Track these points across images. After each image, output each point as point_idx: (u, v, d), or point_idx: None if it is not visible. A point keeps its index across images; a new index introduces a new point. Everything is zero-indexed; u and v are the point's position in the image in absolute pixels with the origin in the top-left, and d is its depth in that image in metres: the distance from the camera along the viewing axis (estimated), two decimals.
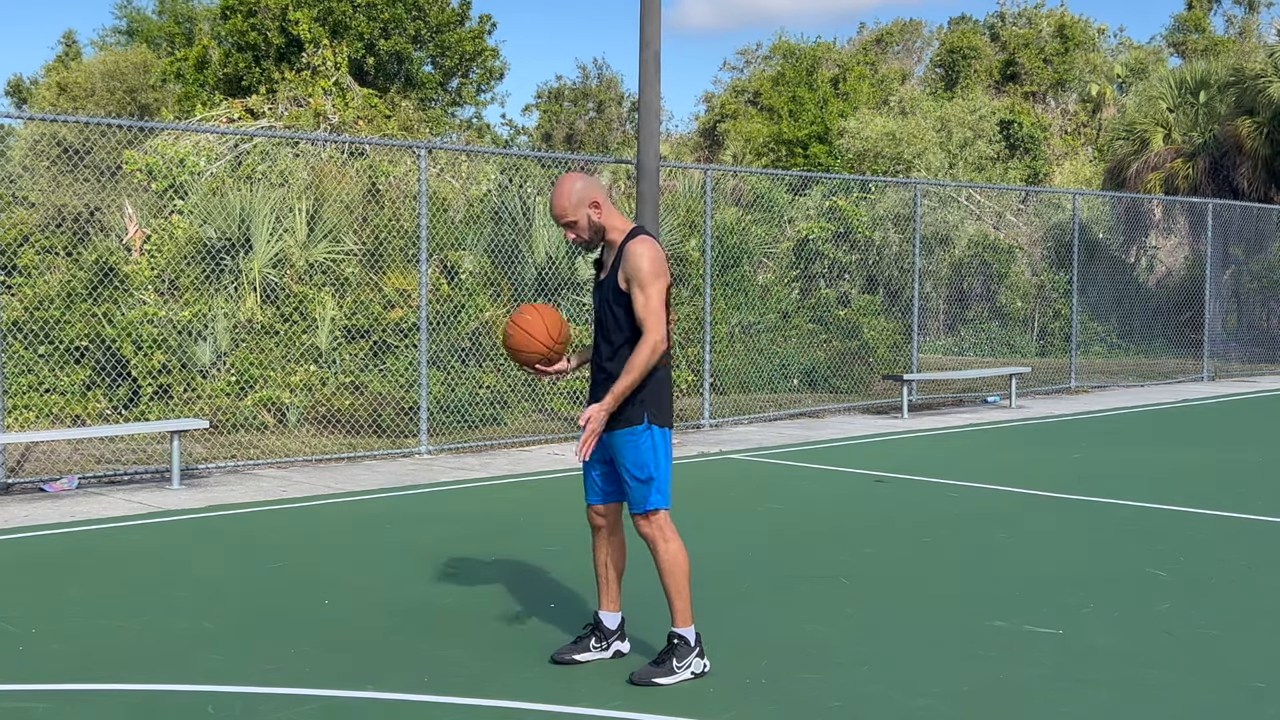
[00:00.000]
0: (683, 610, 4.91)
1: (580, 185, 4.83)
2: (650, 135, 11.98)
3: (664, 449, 4.92)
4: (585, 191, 4.83)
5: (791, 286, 16.66)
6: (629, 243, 4.82)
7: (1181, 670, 5.10)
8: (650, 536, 4.89)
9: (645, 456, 4.86)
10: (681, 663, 4.87)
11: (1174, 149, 26.45)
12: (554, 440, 12.21)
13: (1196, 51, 41.77)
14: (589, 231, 4.87)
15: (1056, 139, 40.71)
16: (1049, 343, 21.15)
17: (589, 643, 5.17)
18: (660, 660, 4.90)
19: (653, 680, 4.82)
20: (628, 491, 4.92)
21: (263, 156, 13.03)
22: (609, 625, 5.18)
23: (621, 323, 4.84)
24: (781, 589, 6.39)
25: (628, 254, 4.79)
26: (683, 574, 4.90)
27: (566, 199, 4.82)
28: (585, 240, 4.90)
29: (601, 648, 5.16)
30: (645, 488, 4.87)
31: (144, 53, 37.16)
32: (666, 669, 4.85)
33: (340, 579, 6.58)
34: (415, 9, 27.91)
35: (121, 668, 5.07)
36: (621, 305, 4.82)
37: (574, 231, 4.88)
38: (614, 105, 47.02)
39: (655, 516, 4.88)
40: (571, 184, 4.83)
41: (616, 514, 5.11)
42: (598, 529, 5.15)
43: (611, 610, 5.19)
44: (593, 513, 5.14)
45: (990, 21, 45.78)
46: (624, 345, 4.86)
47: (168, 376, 11.30)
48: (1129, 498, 9.10)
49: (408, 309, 12.26)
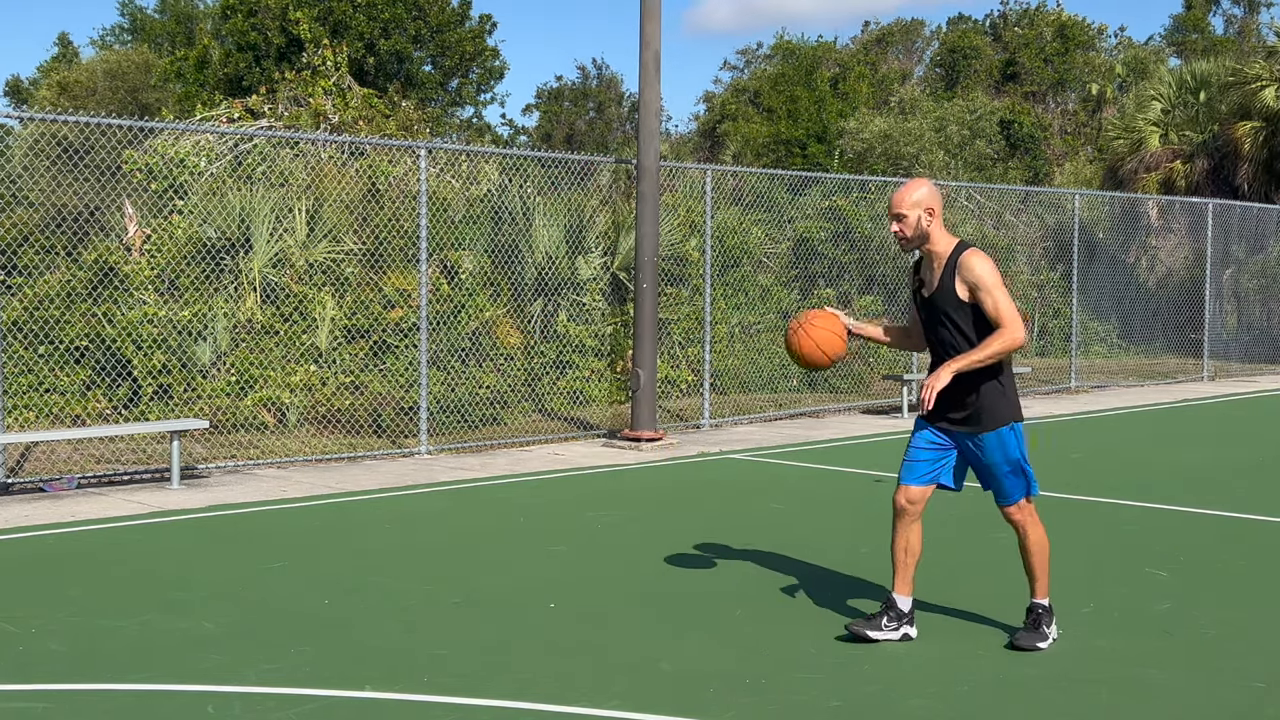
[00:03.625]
0: (1043, 584, 5.40)
1: (926, 190, 5.23)
2: (650, 135, 11.99)
3: (1024, 439, 5.35)
4: (928, 197, 5.22)
5: (791, 286, 16.66)
6: (962, 255, 5.19)
7: (1181, 670, 5.10)
8: (1021, 522, 5.37)
9: (1013, 452, 5.28)
10: (1049, 626, 5.38)
11: (1173, 149, 26.45)
12: (554, 440, 12.21)
13: (1196, 51, 41.75)
14: (913, 230, 5.22)
15: (1056, 139, 40.71)
16: (1049, 343, 21.14)
17: (881, 621, 5.41)
18: (1033, 626, 5.37)
19: (1036, 645, 5.30)
20: (998, 484, 5.35)
21: (263, 157, 13.02)
22: (902, 607, 5.44)
23: (963, 330, 5.22)
24: (781, 589, 6.39)
25: (966, 265, 5.16)
26: (1046, 555, 5.41)
27: (910, 194, 5.22)
28: (907, 238, 5.25)
29: (892, 628, 5.40)
30: (1018, 479, 5.32)
31: (145, 52, 37.16)
32: (1041, 634, 5.34)
33: (340, 579, 6.58)
34: (415, 9, 27.92)
35: (121, 668, 5.07)
36: (962, 313, 5.19)
37: (900, 225, 5.23)
38: (614, 105, 47.01)
39: (1026, 504, 5.35)
40: (921, 185, 5.25)
41: (924, 500, 5.43)
42: (904, 512, 5.44)
43: (904, 594, 5.44)
44: (905, 494, 5.43)
45: (992, 20, 45.79)
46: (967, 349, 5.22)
47: (168, 376, 11.30)
48: (1129, 498, 9.10)
49: (408, 309, 12.26)
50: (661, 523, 8.26)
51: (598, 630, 5.63)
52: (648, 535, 7.77)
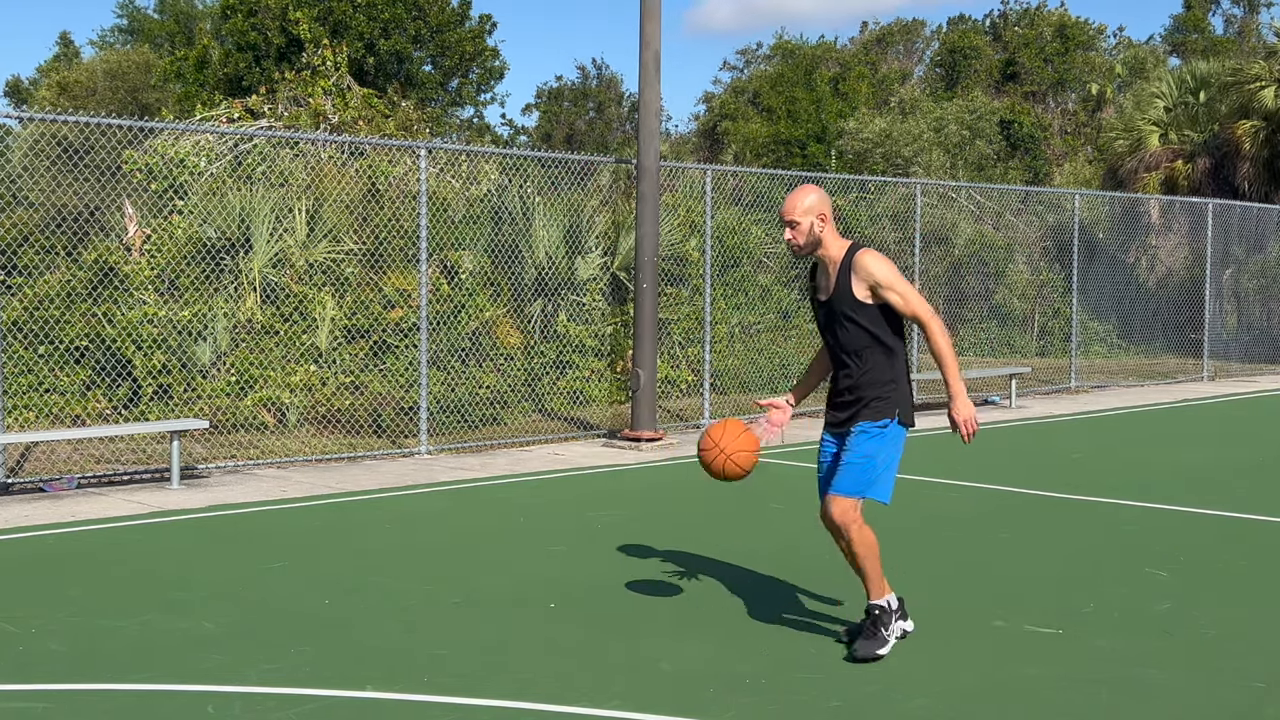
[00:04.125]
0: (878, 584, 5.23)
1: (816, 196, 5.21)
2: (650, 135, 11.99)
3: (896, 446, 5.21)
4: (819, 203, 5.21)
5: (791, 286, 16.66)
6: (857, 255, 5.16)
7: (1181, 670, 5.10)
8: (843, 523, 5.18)
9: (874, 449, 5.17)
10: (889, 629, 5.21)
11: (1173, 149, 26.44)
12: (554, 440, 12.22)
13: (1196, 51, 41.77)
14: (805, 237, 5.20)
15: (1056, 139, 40.71)
16: (1049, 343, 21.14)
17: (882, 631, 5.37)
18: (870, 633, 5.20)
19: (875, 653, 5.14)
20: (839, 473, 5.22)
21: (262, 157, 13.02)
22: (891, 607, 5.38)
23: (865, 328, 5.17)
24: (782, 588, 6.39)
25: (861, 265, 5.13)
26: (875, 555, 5.22)
27: (801, 200, 5.20)
28: (799, 244, 5.22)
29: (895, 634, 5.36)
30: (861, 476, 5.17)
31: (145, 52, 37.17)
32: (880, 639, 5.19)
33: (340, 579, 6.58)
34: (415, 9, 27.91)
35: (121, 668, 5.07)
36: (861, 314, 5.15)
37: (793, 232, 5.21)
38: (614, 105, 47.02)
39: (854, 503, 5.17)
40: (811, 191, 5.23)
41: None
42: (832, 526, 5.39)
43: (882, 595, 5.38)
44: None
45: (992, 20, 45.79)
46: (866, 352, 5.19)
47: (168, 376, 11.30)
48: (1129, 498, 9.10)
49: (408, 309, 12.26)
50: (661, 523, 8.26)
51: (598, 630, 5.63)
52: (648, 535, 7.77)
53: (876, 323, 5.17)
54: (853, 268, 5.15)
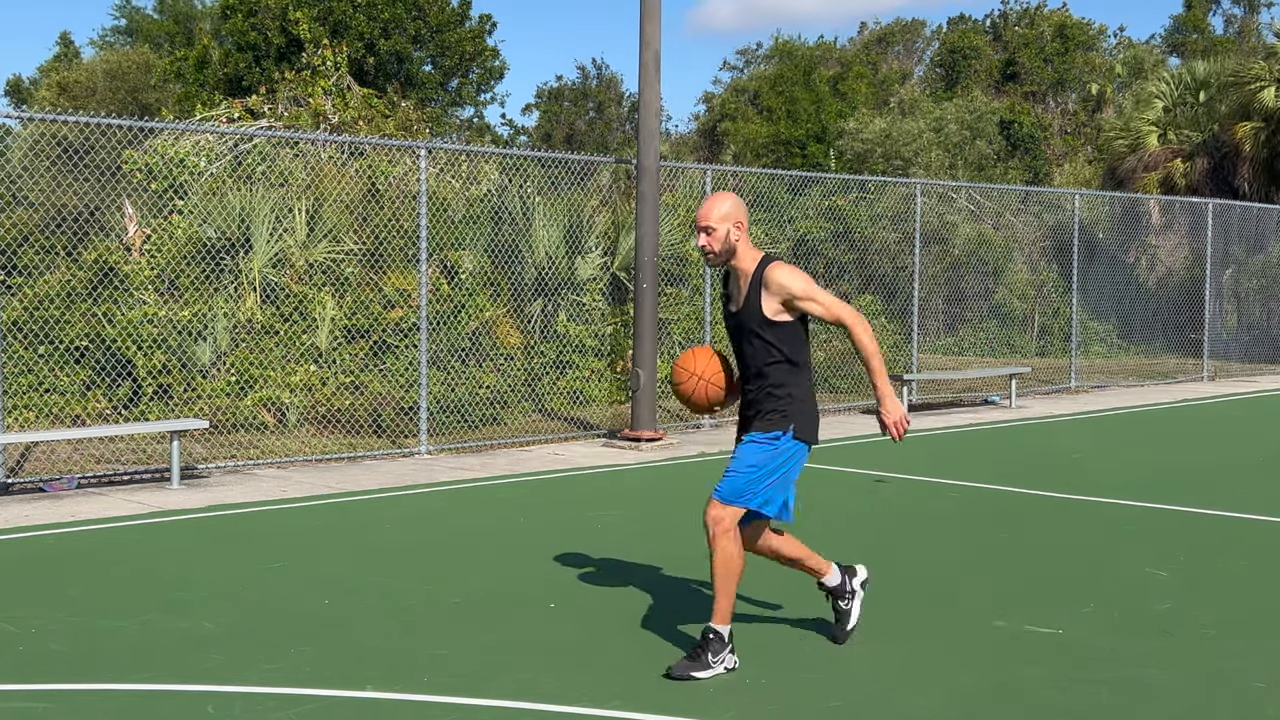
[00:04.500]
0: (723, 608, 5.01)
1: (732, 204, 5.11)
2: (650, 135, 11.99)
3: (789, 459, 5.06)
4: (735, 210, 5.10)
5: None
6: (767, 270, 5.04)
7: (1181, 670, 5.10)
8: (713, 529, 5.01)
9: (764, 460, 5.02)
10: (716, 658, 4.97)
11: (1172, 149, 26.45)
12: (554, 440, 12.22)
13: (1196, 52, 41.77)
14: (721, 244, 5.07)
15: (1056, 139, 40.71)
16: (1049, 343, 21.15)
17: (840, 603, 5.44)
18: (695, 655, 4.99)
19: (690, 674, 4.92)
20: (725, 476, 5.06)
21: (262, 157, 13.02)
22: (835, 583, 5.44)
23: (771, 343, 5.06)
24: (781, 588, 6.39)
25: (773, 279, 5.02)
26: (733, 577, 5.01)
27: (718, 207, 5.08)
28: (715, 252, 5.09)
29: (848, 600, 5.43)
30: (745, 484, 5.01)
31: (146, 53, 37.18)
32: (702, 663, 4.95)
33: (340, 579, 6.58)
34: (415, 9, 27.92)
35: (121, 668, 5.07)
36: (768, 330, 5.04)
37: (709, 239, 5.08)
38: (614, 105, 47.03)
39: (729, 513, 5.01)
40: (727, 198, 5.14)
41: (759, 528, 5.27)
42: (762, 550, 5.34)
43: (828, 573, 5.42)
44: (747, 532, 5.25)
45: (993, 20, 45.80)
46: (770, 368, 5.07)
47: (168, 376, 11.30)
48: (1129, 498, 9.10)
49: (408, 309, 12.26)
50: (661, 523, 8.26)
51: (598, 630, 5.63)
52: (648, 535, 7.77)
53: (782, 339, 5.05)
54: (763, 282, 5.02)
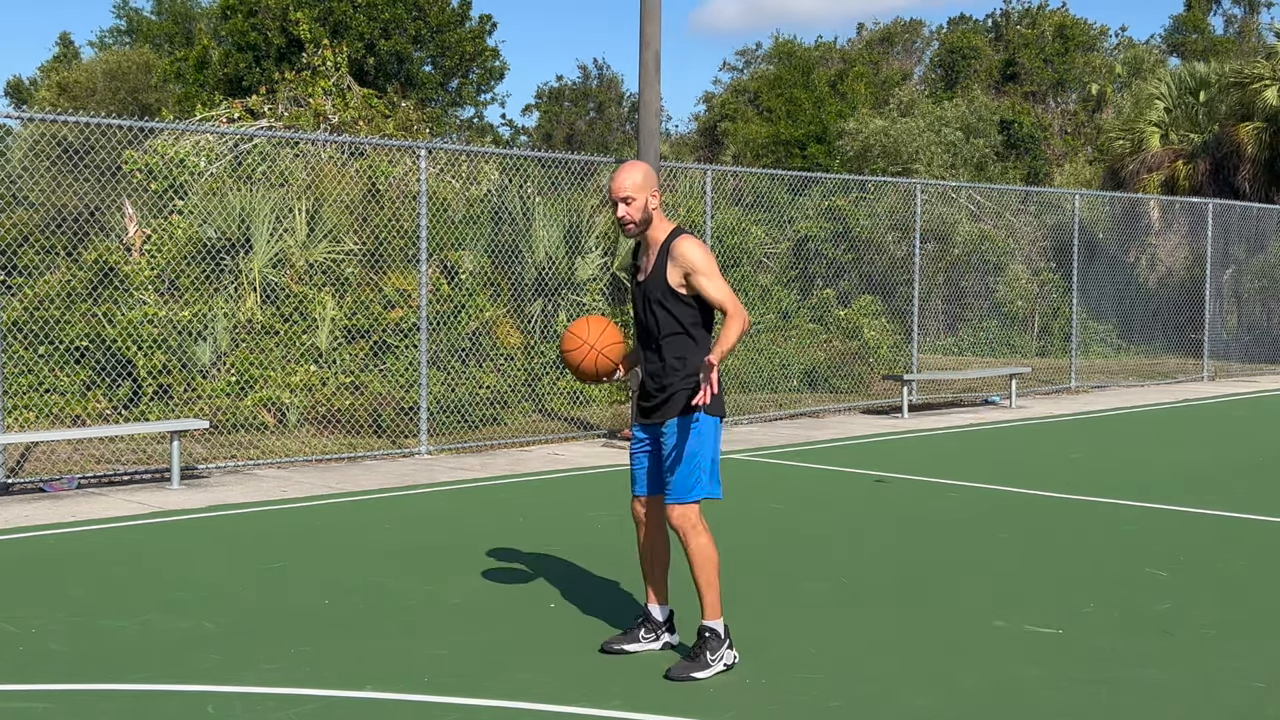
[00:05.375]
0: (713, 602, 4.98)
1: (645, 173, 5.01)
2: (650, 135, 11.99)
3: (713, 438, 5.00)
4: (650, 179, 5.01)
5: (791, 286, 16.67)
6: (675, 241, 4.97)
7: (1181, 670, 5.10)
8: (680, 528, 4.95)
9: (693, 443, 4.95)
10: (714, 655, 4.94)
11: (1173, 149, 26.45)
12: (554, 440, 12.21)
13: (1196, 52, 41.78)
14: (641, 214, 4.98)
15: (1056, 139, 40.71)
16: (1049, 343, 21.15)
17: (638, 634, 5.27)
18: (694, 655, 4.96)
19: (689, 675, 4.89)
20: (669, 477, 4.99)
21: (263, 157, 13.03)
22: (657, 618, 5.29)
23: (674, 315, 4.98)
24: (782, 589, 6.39)
25: (679, 251, 4.94)
26: (713, 567, 4.97)
27: (633, 176, 4.97)
28: (635, 222, 4.99)
29: (651, 639, 5.27)
30: (690, 476, 4.95)
31: (145, 53, 37.19)
32: (701, 663, 4.92)
33: (340, 579, 6.58)
34: (415, 9, 27.92)
35: (121, 668, 5.07)
36: (671, 301, 4.96)
37: (629, 209, 4.97)
38: (614, 105, 47.05)
39: (692, 509, 4.95)
40: (641, 166, 5.03)
41: (660, 506, 5.16)
42: (641, 522, 5.24)
43: (658, 603, 5.29)
44: (636, 504, 5.23)
45: (994, 20, 45.79)
46: (673, 339, 4.99)
47: (168, 376, 11.30)
48: (1129, 498, 9.10)
49: (408, 309, 12.26)
50: None
51: (598, 630, 5.63)
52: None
53: (686, 312, 4.97)
54: (670, 252, 4.95)
